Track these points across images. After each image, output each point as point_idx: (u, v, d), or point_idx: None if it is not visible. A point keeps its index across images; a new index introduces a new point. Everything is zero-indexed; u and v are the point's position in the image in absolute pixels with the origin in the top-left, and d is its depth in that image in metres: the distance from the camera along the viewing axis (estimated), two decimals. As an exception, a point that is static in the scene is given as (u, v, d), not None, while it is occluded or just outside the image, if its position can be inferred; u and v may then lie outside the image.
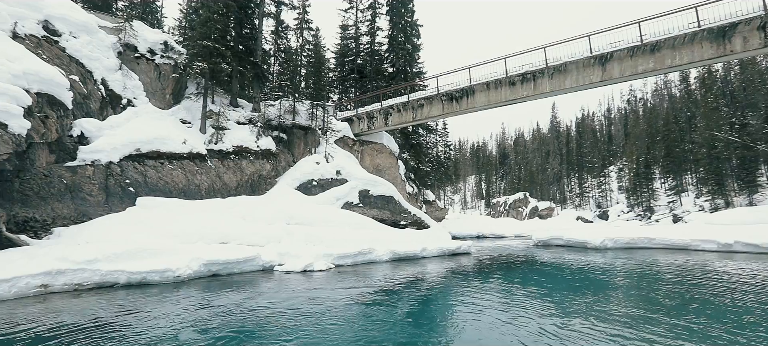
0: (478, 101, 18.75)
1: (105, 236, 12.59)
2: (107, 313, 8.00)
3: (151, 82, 18.27)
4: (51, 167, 13.54)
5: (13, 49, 12.48)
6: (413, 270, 14.61)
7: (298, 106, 23.16)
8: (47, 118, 12.86)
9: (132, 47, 17.68)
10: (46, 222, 12.98)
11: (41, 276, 9.74)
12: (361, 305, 8.79)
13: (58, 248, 11.16)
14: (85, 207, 13.99)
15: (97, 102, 15.66)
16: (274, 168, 20.65)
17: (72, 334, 6.48)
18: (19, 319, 7.46)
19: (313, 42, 29.88)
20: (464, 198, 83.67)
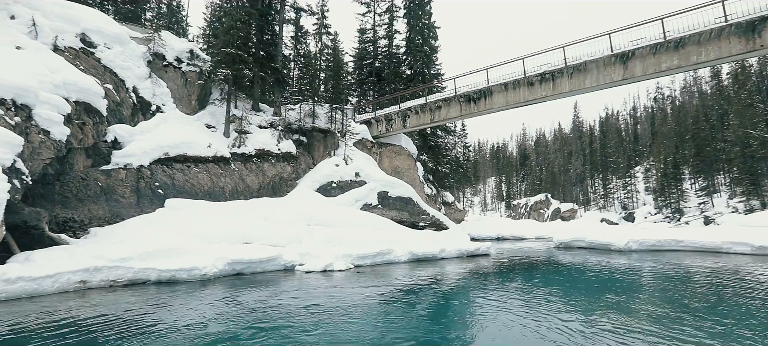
0: (496, 102, 18.68)
1: (137, 236, 13.24)
2: (140, 307, 8.47)
3: (178, 88, 19.07)
4: (88, 171, 14.35)
5: (55, 61, 13.34)
6: (432, 271, 14.70)
7: (318, 110, 23.63)
8: (84, 124, 13.67)
9: (160, 56, 18.53)
10: (84, 222, 13.76)
11: (80, 273, 10.37)
12: (380, 304, 8.98)
13: (94, 246, 11.85)
14: (119, 208, 14.75)
15: (129, 109, 16.49)
16: (294, 170, 21.14)
17: (110, 325, 6.94)
18: (62, 312, 8.02)
19: (332, 46, 30.42)
20: (484, 200, 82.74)
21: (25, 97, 11.56)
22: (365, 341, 6.11)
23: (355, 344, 5.94)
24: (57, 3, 15.32)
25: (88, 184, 14.23)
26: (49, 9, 14.73)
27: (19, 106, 11.45)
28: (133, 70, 16.94)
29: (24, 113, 11.56)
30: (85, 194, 14.07)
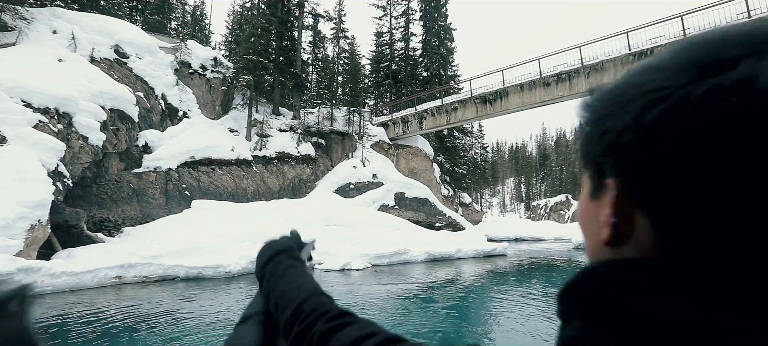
0: (512, 103, 18.74)
1: (166, 235, 14.02)
2: (171, 301, 9.09)
3: (203, 95, 19.96)
4: (121, 174, 15.27)
5: (91, 72, 14.30)
6: (448, 270, 14.93)
7: (336, 113, 24.18)
8: (118, 130, 14.57)
9: (186, 64, 19.45)
10: (118, 222, 14.65)
11: (116, 269, 11.13)
12: (397, 300, 9.33)
13: (128, 245, 12.66)
14: (149, 209, 15.60)
15: (158, 115, 17.40)
16: (313, 172, 21.73)
17: (145, 317, 7.54)
18: (101, 304, 8.70)
19: (349, 50, 31.02)
20: (503, 201, 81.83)
21: (66, 106, 12.48)
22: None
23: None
24: (93, 17, 16.38)
25: (121, 186, 15.14)
26: (86, 23, 15.76)
27: (61, 115, 12.37)
28: (162, 78, 17.87)
29: (65, 121, 12.48)
30: (118, 196, 14.98)
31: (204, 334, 6.56)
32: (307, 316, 0.50)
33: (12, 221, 9.47)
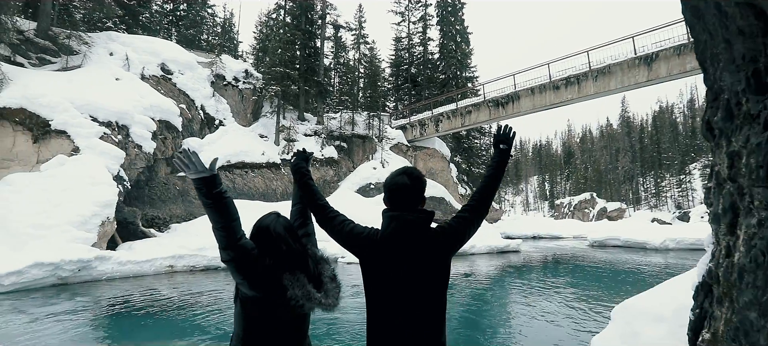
0: (523, 106, 19.60)
1: (207, 231, 15.84)
2: (215, 288, 10.76)
3: (236, 104, 21.90)
4: (168, 177, 17.29)
5: (143, 88, 16.36)
6: (461, 264, 16.08)
7: (356, 117, 25.67)
8: (166, 139, 16.57)
9: (221, 77, 21.42)
10: (166, 220, 16.65)
11: (169, 259, 12.98)
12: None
13: (177, 239, 14.55)
14: (192, 208, 17.56)
15: (198, 124, 19.41)
16: (336, 173, 23.29)
17: (196, 300, 9.20)
18: (160, 287, 10.48)
19: (369, 55, 32.48)
20: (526, 199, 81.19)
21: (124, 119, 14.51)
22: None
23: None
24: (142, 39, 18.54)
25: (168, 188, 17.15)
26: (137, 45, 17.92)
27: (120, 127, 14.40)
28: (200, 90, 19.88)
29: (124, 132, 14.50)
30: (166, 196, 17.00)
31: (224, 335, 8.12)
32: (331, 212, 1.74)
33: (88, 217, 11.42)
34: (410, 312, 1.50)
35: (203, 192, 1.39)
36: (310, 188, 1.79)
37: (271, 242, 1.46)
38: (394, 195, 1.61)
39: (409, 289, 1.51)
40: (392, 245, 1.54)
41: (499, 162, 1.76)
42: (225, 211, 1.40)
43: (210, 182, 1.38)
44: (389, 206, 1.63)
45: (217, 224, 1.40)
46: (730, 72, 1.35)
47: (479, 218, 1.68)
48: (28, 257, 9.58)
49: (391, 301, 1.52)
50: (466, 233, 1.63)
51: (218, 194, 1.39)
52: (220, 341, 6.35)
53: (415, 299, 1.51)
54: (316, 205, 1.75)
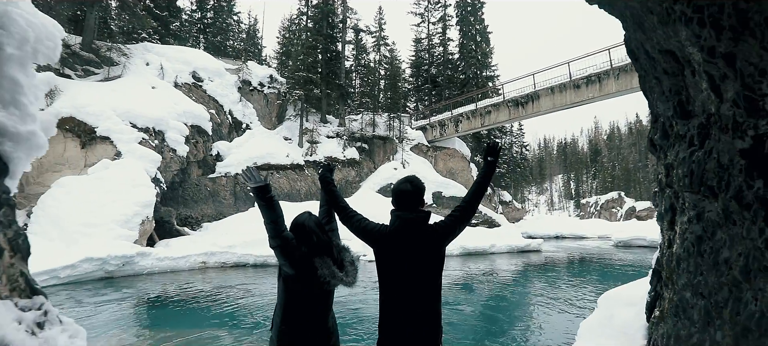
0: (543, 105, 19.54)
1: (236, 230, 16.72)
2: (246, 282, 11.48)
3: (261, 108, 22.82)
4: (199, 179, 18.31)
5: (176, 95, 17.41)
6: (480, 263, 16.30)
7: (377, 119, 26.17)
8: (197, 143, 17.57)
9: (247, 82, 22.39)
10: (198, 219, 17.65)
11: (202, 256, 13.85)
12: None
13: (209, 236, 15.46)
14: (221, 208, 18.52)
15: (227, 128, 20.40)
16: (358, 174, 23.86)
17: (228, 294, 9.91)
18: (195, 281, 11.28)
19: (390, 57, 32.92)
20: (550, 198, 79.56)
21: (160, 125, 15.53)
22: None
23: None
24: (176, 49, 19.68)
25: (199, 189, 18.17)
26: (171, 54, 19.05)
27: (156, 132, 15.43)
28: (228, 96, 20.87)
29: (160, 137, 15.53)
30: (198, 197, 18.01)
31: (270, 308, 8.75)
32: (352, 213, 2.21)
33: (130, 217, 12.40)
34: (412, 289, 1.93)
35: (259, 196, 1.87)
36: (334, 194, 2.24)
37: (305, 234, 1.92)
38: (399, 199, 2.04)
39: (411, 272, 1.94)
40: (397, 238, 1.98)
41: (487, 172, 2.16)
42: (273, 210, 1.87)
43: (264, 189, 1.86)
44: (395, 207, 2.06)
45: (267, 219, 1.87)
46: (662, 101, 1.71)
47: (468, 217, 2.08)
48: (80, 252, 10.56)
49: (397, 281, 1.96)
50: (456, 229, 2.04)
51: (269, 197, 1.86)
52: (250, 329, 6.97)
53: (415, 280, 1.94)
54: (338, 207, 2.21)
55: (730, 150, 1.55)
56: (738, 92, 1.46)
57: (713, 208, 1.65)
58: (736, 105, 1.48)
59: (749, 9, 1.33)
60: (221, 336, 6.50)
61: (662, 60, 1.58)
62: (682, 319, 1.81)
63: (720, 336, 1.73)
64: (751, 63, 1.39)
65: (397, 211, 2.04)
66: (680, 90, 1.61)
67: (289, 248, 1.88)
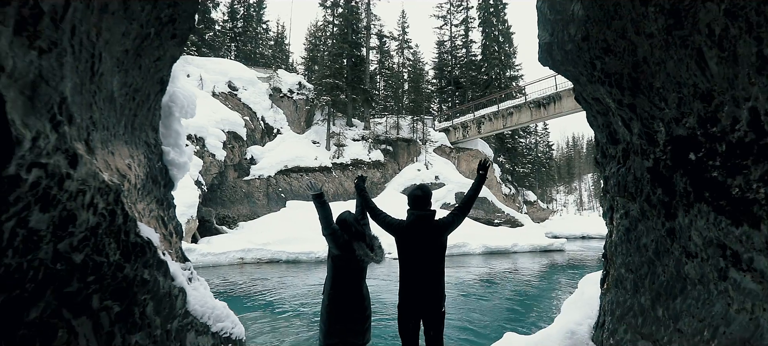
0: (565, 106, 19.69)
1: (270, 228, 17.93)
2: (279, 276, 12.53)
3: (291, 114, 24.07)
4: (235, 181, 19.68)
5: (214, 104, 18.82)
6: (502, 261, 16.76)
7: (401, 122, 26.93)
8: (233, 148, 18.93)
9: (278, 90, 23.69)
10: (234, 218, 18.99)
11: (240, 252, 15.07)
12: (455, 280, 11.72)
13: (245, 235, 16.71)
14: (255, 208, 19.81)
15: (259, 133, 21.74)
16: (383, 175, 24.70)
17: (265, 286, 10.95)
18: (234, 275, 12.43)
19: (413, 59, 33.61)
20: (579, 198, 77.61)
21: (201, 132, 16.91)
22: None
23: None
24: (213, 61, 21.19)
25: (235, 190, 19.52)
26: (209, 66, 20.56)
27: (198, 138, 16.82)
28: (261, 103, 22.22)
29: (201, 143, 16.91)
30: (234, 198, 19.37)
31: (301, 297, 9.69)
32: (379, 212, 3.01)
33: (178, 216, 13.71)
34: (421, 269, 2.70)
35: (315, 199, 2.69)
36: (366, 198, 3.04)
37: (346, 226, 2.72)
38: (413, 201, 2.81)
39: (422, 254, 2.71)
40: (412, 229, 2.75)
41: (478, 182, 2.90)
42: (325, 209, 2.68)
43: (319, 195, 2.68)
44: (411, 206, 2.84)
45: (321, 215, 2.69)
46: (599, 131, 2.40)
47: (463, 216, 2.83)
48: (137, 248, 11.90)
49: (411, 262, 2.73)
50: (454, 224, 2.79)
51: (323, 200, 2.68)
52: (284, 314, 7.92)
53: (425, 261, 2.71)
54: (369, 207, 3.00)
55: (640, 167, 2.24)
56: (640, 130, 2.15)
57: (634, 208, 2.33)
58: (641, 137, 2.18)
59: (638, 77, 2.03)
60: (260, 318, 7.49)
61: (595, 104, 2.26)
62: (620, 289, 2.47)
63: (643, 299, 2.41)
64: (645, 110, 2.09)
65: (412, 210, 2.82)
66: (609, 125, 2.28)
67: (336, 236, 2.68)
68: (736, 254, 1.91)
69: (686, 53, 1.83)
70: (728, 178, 1.87)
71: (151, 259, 1.92)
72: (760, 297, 1.83)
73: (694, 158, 2.00)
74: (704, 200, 2.00)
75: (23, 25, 1.27)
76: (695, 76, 1.85)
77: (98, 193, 1.60)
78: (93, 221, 1.60)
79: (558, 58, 2.33)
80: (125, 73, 1.75)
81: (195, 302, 2.26)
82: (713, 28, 1.69)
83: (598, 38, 2.07)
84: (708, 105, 1.86)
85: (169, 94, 2.33)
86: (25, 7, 1.26)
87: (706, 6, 1.68)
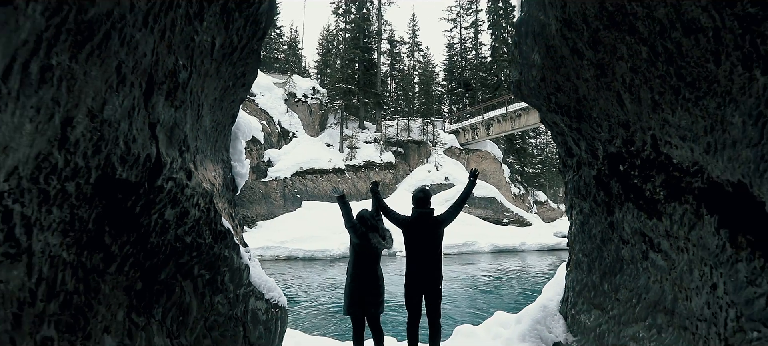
0: (572, 108, 20.13)
1: (286, 227, 18.85)
2: (296, 272, 13.40)
3: (305, 117, 25.01)
4: (253, 183, 20.67)
5: (234, 110, 19.84)
6: (509, 259, 17.34)
7: (412, 124, 27.63)
8: (252, 151, 19.92)
9: (293, 95, 24.66)
10: (253, 218, 19.98)
11: (259, 250, 15.99)
12: (462, 275, 12.39)
13: (263, 233, 17.65)
14: (272, 209, 20.77)
15: (276, 137, 22.72)
16: (394, 176, 25.45)
17: (282, 278, 11.81)
18: (260, 269, 13.35)
19: (423, 62, 34.27)
20: (593, 199, 76.91)
21: (223, 137, 17.91)
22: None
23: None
24: (232, 68, 22.22)
25: (254, 191, 20.52)
26: (228, 74, 21.60)
27: (220, 143, 17.82)
28: (277, 108, 23.20)
29: (222, 147, 17.92)
30: (253, 199, 20.36)
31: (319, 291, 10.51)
32: (390, 210, 3.77)
33: (203, 216, 14.71)
34: (423, 255, 3.45)
35: (339, 201, 3.46)
36: (379, 199, 3.80)
37: (363, 221, 3.48)
38: (416, 201, 3.56)
39: (423, 244, 3.45)
40: (415, 224, 3.50)
41: (468, 187, 3.62)
42: (347, 209, 3.45)
43: (342, 197, 3.45)
44: (414, 205, 3.58)
45: (343, 213, 3.45)
46: (560, 146, 3.11)
47: (456, 213, 3.56)
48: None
49: (414, 249, 3.48)
50: (448, 219, 3.53)
51: (345, 202, 3.45)
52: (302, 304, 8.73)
53: (425, 249, 3.45)
54: (381, 206, 3.76)
55: (588, 175, 2.95)
56: (586, 147, 2.87)
57: (586, 206, 3.03)
58: (587, 153, 2.89)
59: (581, 109, 2.74)
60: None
61: (554, 127, 2.96)
62: (577, 270, 3.16)
63: (594, 277, 3.11)
64: (588, 133, 2.80)
65: (415, 208, 3.56)
66: (566, 142, 2.99)
67: (356, 228, 3.45)
68: (650, 239, 2.61)
69: (610, 94, 2.54)
70: (643, 184, 2.57)
71: (230, 242, 2.70)
72: (666, 270, 2.53)
73: (622, 169, 2.70)
74: (630, 200, 2.70)
75: (168, 93, 2.07)
76: (618, 111, 2.56)
77: (201, 196, 2.39)
78: (197, 214, 2.40)
79: (525, 92, 3.05)
80: (213, 113, 2.54)
81: (254, 276, 3.03)
82: (625, 79, 2.40)
83: (551, 80, 2.79)
84: (627, 131, 2.56)
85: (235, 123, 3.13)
86: (171, 82, 2.06)
87: (619, 63, 2.39)
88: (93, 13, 1.47)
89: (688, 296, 2.30)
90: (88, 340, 1.88)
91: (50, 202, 1.61)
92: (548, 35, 2.67)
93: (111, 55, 1.65)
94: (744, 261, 1.81)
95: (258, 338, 3.00)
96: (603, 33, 2.36)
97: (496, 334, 3.90)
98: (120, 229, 2.00)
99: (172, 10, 1.91)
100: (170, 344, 2.37)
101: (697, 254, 2.19)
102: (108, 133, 1.75)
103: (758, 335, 1.71)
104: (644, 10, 2.06)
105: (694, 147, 2.09)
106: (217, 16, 2.22)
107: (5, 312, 1.47)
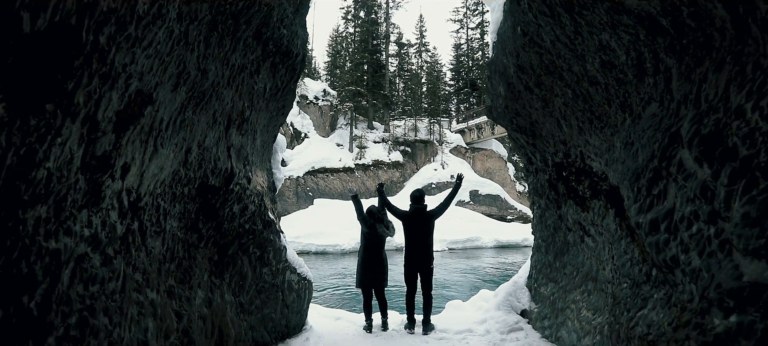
0: (574, 108, 20.77)
1: (299, 224, 19.92)
2: (311, 265, 14.41)
3: (316, 119, 26.07)
4: (268, 181, 21.82)
5: (250, 112, 20.97)
6: (511, 254, 18.15)
7: (419, 124, 28.50)
8: (267, 151, 21.06)
9: (304, 97, 25.72)
10: (268, 215, 21.14)
11: (275, 244, 17.10)
12: (465, 267, 13.30)
13: (279, 229, 18.76)
14: (286, 206, 21.87)
15: (289, 138, 23.82)
16: (402, 175, 26.38)
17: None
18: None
19: (430, 62, 35.09)
20: (602, 196, 76.66)
21: (240, 139, 19.05)
22: (454, 280, 10.58)
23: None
24: (247, 73, 23.37)
25: (269, 190, 21.66)
26: (244, 78, 22.74)
27: (237, 144, 18.96)
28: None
29: (239, 148, 19.05)
30: (268, 197, 21.51)
31: (333, 279, 11.52)
32: (393, 206, 4.73)
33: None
34: (418, 241, 4.40)
35: (353, 199, 4.43)
36: (384, 197, 4.75)
37: (372, 214, 4.44)
38: (413, 199, 4.51)
39: (418, 233, 4.41)
40: (412, 217, 4.45)
41: (456, 188, 4.55)
42: (359, 205, 4.41)
43: (355, 196, 4.43)
44: (412, 202, 4.52)
45: (356, 208, 4.42)
46: (521, 157, 4.02)
47: (444, 209, 4.51)
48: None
49: (411, 237, 4.44)
50: (438, 213, 4.47)
51: (358, 200, 4.42)
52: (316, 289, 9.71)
53: (420, 236, 4.41)
54: (386, 203, 4.71)
55: (542, 179, 3.86)
56: (540, 158, 3.78)
57: (542, 202, 3.94)
58: (541, 162, 3.80)
59: (534, 130, 3.66)
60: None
61: (517, 141, 3.88)
62: (538, 252, 4.08)
63: (550, 258, 4.03)
64: (541, 148, 3.72)
65: (412, 204, 4.50)
66: (526, 154, 3.90)
67: (365, 220, 4.40)
68: (584, 227, 3.51)
69: (553, 120, 3.45)
70: (577, 186, 3.47)
71: (274, 229, 3.67)
72: (593, 250, 3.43)
73: (564, 175, 3.60)
74: (571, 198, 3.61)
75: (239, 126, 3.05)
76: (559, 132, 3.46)
77: (256, 195, 3.37)
78: (253, 208, 3.38)
79: (495, 115, 3.97)
80: (263, 135, 3.51)
81: (289, 255, 4.01)
82: (561, 110, 3.31)
83: (512, 107, 3.70)
84: (565, 147, 3.47)
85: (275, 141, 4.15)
86: (240, 118, 3.03)
87: (556, 99, 3.30)
88: (206, 86, 2.46)
89: (604, 267, 3.21)
90: (191, 290, 2.87)
91: (176, 200, 2.61)
92: (509, 75, 3.59)
93: (211, 107, 2.64)
94: (623, 239, 2.72)
95: (292, 302, 3.98)
96: (544, 77, 3.27)
97: (478, 306, 4.83)
98: (207, 218, 2.99)
99: (243, 71, 2.89)
100: (234, 300, 3.35)
101: (606, 236, 3.09)
102: (206, 156, 2.74)
103: (627, 285, 2.62)
104: (566, 64, 2.97)
105: (601, 161, 2.99)
106: (268, 70, 3.18)
107: (152, 266, 2.45)
